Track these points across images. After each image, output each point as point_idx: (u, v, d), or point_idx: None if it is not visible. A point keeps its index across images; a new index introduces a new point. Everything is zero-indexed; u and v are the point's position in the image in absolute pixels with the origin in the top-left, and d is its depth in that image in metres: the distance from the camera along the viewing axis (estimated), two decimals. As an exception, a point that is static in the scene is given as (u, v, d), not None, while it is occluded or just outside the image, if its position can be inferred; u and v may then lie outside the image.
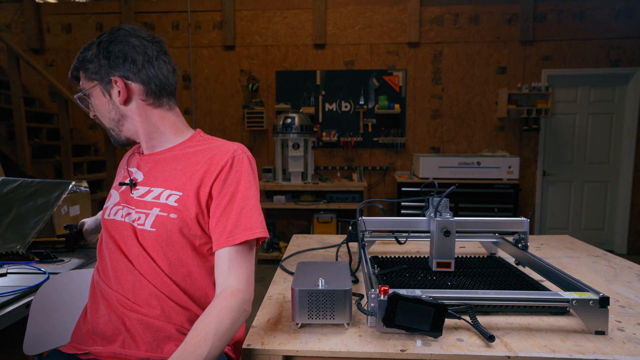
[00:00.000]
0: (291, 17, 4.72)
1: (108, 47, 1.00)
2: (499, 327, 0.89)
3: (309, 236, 1.73)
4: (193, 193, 0.96)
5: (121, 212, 1.02)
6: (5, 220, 1.46)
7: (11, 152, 4.05)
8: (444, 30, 4.61)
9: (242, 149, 1.02)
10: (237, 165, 0.99)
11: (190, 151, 1.03)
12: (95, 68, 1.01)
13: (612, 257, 1.42)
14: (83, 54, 1.03)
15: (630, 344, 0.81)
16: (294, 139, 4.24)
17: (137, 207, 1.00)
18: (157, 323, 0.93)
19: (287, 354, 0.82)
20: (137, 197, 1.01)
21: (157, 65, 1.02)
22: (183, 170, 1.00)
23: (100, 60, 1.00)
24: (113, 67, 1.00)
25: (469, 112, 4.68)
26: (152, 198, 0.99)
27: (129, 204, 1.02)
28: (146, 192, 1.01)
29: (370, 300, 0.85)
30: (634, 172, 4.58)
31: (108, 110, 1.04)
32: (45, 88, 4.92)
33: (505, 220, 1.28)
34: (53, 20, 4.85)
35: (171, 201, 0.97)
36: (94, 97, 1.04)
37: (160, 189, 1.00)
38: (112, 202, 1.06)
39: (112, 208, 1.05)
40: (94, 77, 1.02)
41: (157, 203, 0.98)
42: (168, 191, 0.98)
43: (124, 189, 1.05)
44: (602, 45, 4.48)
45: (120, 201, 1.05)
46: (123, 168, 1.12)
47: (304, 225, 4.89)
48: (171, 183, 0.99)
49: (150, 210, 0.98)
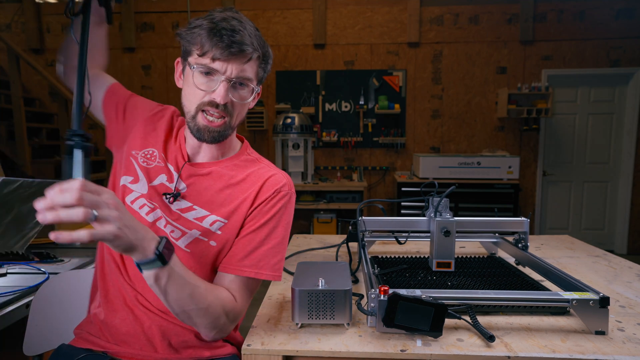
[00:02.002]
0: (291, 17, 4.72)
1: (266, 46, 0.94)
2: (499, 327, 0.89)
3: (309, 236, 1.73)
4: (240, 222, 0.94)
5: (153, 215, 0.93)
6: (5, 220, 1.46)
7: (11, 152, 4.05)
8: (444, 30, 4.61)
9: (291, 184, 1.00)
10: (285, 200, 0.97)
11: (240, 176, 0.97)
12: (266, 68, 0.96)
13: (612, 257, 1.42)
14: (265, 48, 0.93)
15: (630, 344, 0.81)
16: (294, 139, 4.24)
17: (174, 219, 0.93)
18: (176, 328, 0.92)
19: (287, 354, 0.82)
20: (176, 209, 0.93)
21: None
22: (231, 196, 0.94)
23: (269, 62, 0.96)
24: (267, 73, 0.97)
25: (469, 112, 4.68)
26: (193, 218, 0.93)
27: (165, 211, 0.93)
28: (188, 208, 0.94)
29: (370, 300, 0.85)
30: (634, 172, 4.58)
31: (245, 110, 0.97)
32: (45, 88, 4.92)
33: (505, 220, 1.27)
34: (53, 20, 4.85)
35: (215, 228, 0.92)
36: (248, 90, 0.93)
37: (205, 211, 0.93)
38: (137, 190, 0.95)
39: (137, 199, 0.94)
40: (263, 75, 0.96)
41: (199, 226, 0.92)
42: (214, 217, 0.93)
43: (158, 185, 0.95)
44: (602, 45, 4.48)
45: (149, 197, 0.94)
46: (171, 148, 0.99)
47: (304, 225, 4.88)
48: (218, 209, 0.93)
49: (189, 230, 0.92)
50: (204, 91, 0.88)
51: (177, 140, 1.01)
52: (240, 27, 0.86)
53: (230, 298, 0.89)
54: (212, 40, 0.85)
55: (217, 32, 0.84)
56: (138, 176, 0.96)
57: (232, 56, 0.86)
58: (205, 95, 0.89)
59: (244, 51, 0.86)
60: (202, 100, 0.89)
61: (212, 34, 0.84)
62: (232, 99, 0.90)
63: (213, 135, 0.92)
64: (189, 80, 0.90)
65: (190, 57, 0.89)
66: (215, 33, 0.84)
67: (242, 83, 0.90)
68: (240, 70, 0.88)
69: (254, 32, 0.89)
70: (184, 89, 0.93)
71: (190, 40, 0.88)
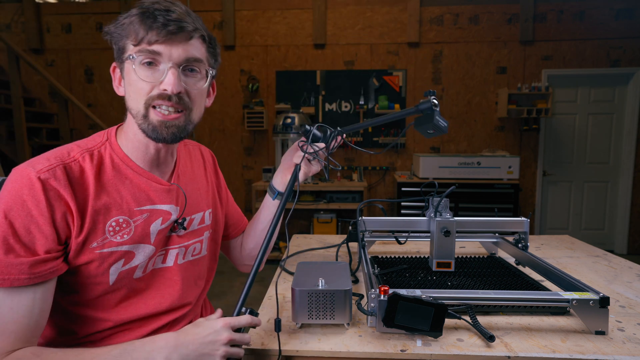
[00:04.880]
0: (291, 17, 4.72)
1: (213, 38, 0.86)
2: (499, 327, 0.89)
3: (309, 236, 1.73)
4: (216, 196, 1.05)
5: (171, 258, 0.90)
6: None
7: (11, 152, 4.05)
8: (444, 30, 4.61)
9: (193, 143, 1.09)
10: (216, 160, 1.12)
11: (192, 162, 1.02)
12: (215, 55, 0.87)
13: (612, 257, 1.42)
14: (208, 32, 0.84)
15: (630, 344, 0.81)
16: (294, 139, 4.24)
17: (184, 240, 0.93)
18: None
19: (287, 354, 0.82)
20: (183, 232, 0.92)
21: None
22: (203, 181, 1.02)
23: (217, 49, 0.87)
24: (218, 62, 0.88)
25: (469, 112, 4.68)
26: (198, 225, 0.96)
27: (174, 242, 0.91)
28: (190, 221, 0.94)
29: (370, 300, 0.85)
30: (634, 172, 4.58)
31: (204, 101, 0.87)
32: (45, 88, 4.92)
33: (505, 220, 1.28)
34: (53, 20, 4.85)
35: (210, 218, 1.01)
36: (201, 76, 0.83)
37: (200, 212, 0.97)
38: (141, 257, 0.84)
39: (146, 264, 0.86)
40: (214, 62, 0.86)
41: (206, 227, 0.99)
42: (207, 211, 1.00)
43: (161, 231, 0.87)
44: (602, 45, 4.48)
45: (155, 251, 0.87)
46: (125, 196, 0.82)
47: (304, 225, 4.88)
48: (205, 200, 1.00)
49: (200, 236, 0.97)
50: (150, 83, 0.77)
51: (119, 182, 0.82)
52: (174, 6, 0.78)
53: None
54: (146, 23, 0.75)
55: (150, 15, 0.75)
56: (133, 251, 0.83)
57: (172, 35, 0.76)
58: (152, 88, 0.77)
59: (183, 28, 0.76)
60: (150, 95, 0.77)
61: (145, 17, 0.75)
62: (185, 86, 0.79)
63: (172, 132, 0.80)
64: (131, 76, 0.78)
65: (125, 53, 0.79)
66: (148, 16, 0.75)
67: (193, 68, 0.81)
68: (187, 52, 0.78)
69: (192, 13, 0.81)
70: (127, 90, 0.81)
71: (121, 34, 0.78)
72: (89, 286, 0.80)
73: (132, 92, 0.79)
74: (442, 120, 0.96)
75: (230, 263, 1.19)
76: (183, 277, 0.91)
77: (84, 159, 0.79)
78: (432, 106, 0.95)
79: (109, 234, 0.79)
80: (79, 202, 0.76)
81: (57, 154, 0.78)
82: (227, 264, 3.95)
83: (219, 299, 3.39)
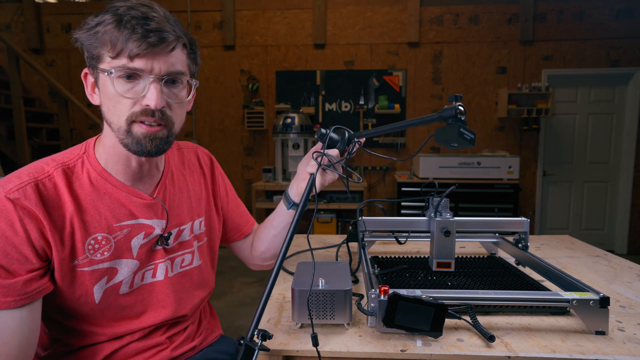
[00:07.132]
0: (291, 17, 4.72)
1: (189, 33, 0.82)
2: (499, 327, 0.89)
3: (309, 236, 1.73)
4: (211, 202, 1.03)
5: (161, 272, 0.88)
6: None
7: (11, 152, 4.05)
8: (444, 30, 4.61)
9: (188, 144, 1.06)
10: (215, 162, 1.08)
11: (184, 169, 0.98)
12: (196, 60, 0.84)
13: (613, 257, 1.42)
14: (189, 35, 0.80)
15: (630, 344, 0.81)
16: (294, 139, 4.24)
17: (174, 252, 0.91)
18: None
19: (287, 354, 0.82)
20: (172, 244, 0.90)
21: None
22: (196, 190, 0.99)
23: (197, 52, 0.84)
24: (198, 66, 0.85)
25: (469, 112, 4.68)
26: (189, 235, 0.94)
27: (164, 254, 0.89)
28: (178, 233, 0.91)
29: (370, 300, 0.85)
30: (634, 172, 4.58)
31: (184, 112, 0.85)
32: (45, 88, 4.92)
33: (505, 220, 1.27)
34: (53, 20, 4.85)
35: (201, 228, 0.98)
36: (183, 87, 0.80)
37: (189, 223, 0.94)
38: (125, 272, 0.82)
39: (132, 279, 0.84)
40: (195, 68, 0.83)
41: (197, 236, 0.97)
42: (198, 220, 0.97)
43: (144, 245, 0.84)
44: (602, 45, 4.48)
45: (141, 266, 0.85)
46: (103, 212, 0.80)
47: (304, 225, 4.89)
48: (196, 209, 0.98)
49: (191, 247, 0.95)
50: (131, 99, 0.74)
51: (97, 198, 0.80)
52: (152, 12, 0.73)
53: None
54: (123, 34, 0.70)
55: (126, 24, 0.70)
56: (115, 267, 0.81)
57: (153, 48, 0.71)
58: (134, 103, 0.74)
59: (165, 39, 0.72)
60: (133, 111, 0.74)
61: (121, 27, 0.70)
62: (168, 100, 0.77)
63: (156, 144, 0.77)
64: (109, 90, 0.74)
65: (101, 63, 0.74)
66: (125, 25, 0.70)
67: (175, 80, 0.77)
68: (169, 65, 0.75)
69: (171, 17, 0.76)
70: (105, 102, 0.76)
71: (95, 43, 0.73)
72: (77, 306, 0.79)
73: (112, 107, 0.75)
74: (467, 132, 0.76)
75: (230, 263, 1.20)
76: (176, 290, 0.90)
77: (58, 174, 0.77)
78: (457, 114, 0.75)
79: (89, 252, 0.78)
80: (53, 219, 0.74)
81: (31, 170, 0.76)
82: (227, 264, 3.96)
83: (219, 299, 3.39)
